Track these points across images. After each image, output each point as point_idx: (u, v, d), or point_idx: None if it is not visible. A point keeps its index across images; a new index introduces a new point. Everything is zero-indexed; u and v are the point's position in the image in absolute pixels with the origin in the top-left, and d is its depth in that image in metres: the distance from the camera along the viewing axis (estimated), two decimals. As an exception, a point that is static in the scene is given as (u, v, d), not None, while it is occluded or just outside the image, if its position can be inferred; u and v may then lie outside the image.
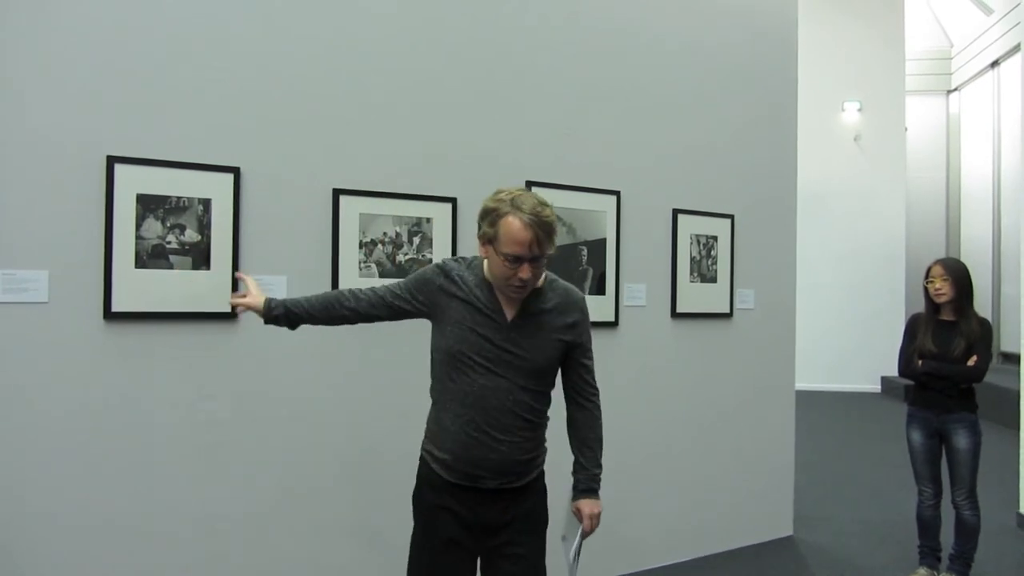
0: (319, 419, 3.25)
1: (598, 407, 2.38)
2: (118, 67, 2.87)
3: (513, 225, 2.07)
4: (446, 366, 2.22)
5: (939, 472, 3.92)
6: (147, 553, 2.91)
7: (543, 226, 2.09)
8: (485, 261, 2.23)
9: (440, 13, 3.57)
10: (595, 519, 2.34)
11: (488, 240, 2.14)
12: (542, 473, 2.39)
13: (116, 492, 2.86)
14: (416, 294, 2.29)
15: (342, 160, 3.30)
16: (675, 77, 4.34)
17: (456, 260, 2.29)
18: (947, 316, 3.84)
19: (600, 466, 2.38)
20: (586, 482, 2.35)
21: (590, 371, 2.35)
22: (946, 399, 3.78)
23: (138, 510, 2.89)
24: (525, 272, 2.10)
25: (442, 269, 2.26)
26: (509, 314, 2.20)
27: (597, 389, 2.38)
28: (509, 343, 2.18)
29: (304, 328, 3.21)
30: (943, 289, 3.80)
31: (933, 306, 3.89)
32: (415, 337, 3.47)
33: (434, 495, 2.29)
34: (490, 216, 2.12)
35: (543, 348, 2.21)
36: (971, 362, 3.72)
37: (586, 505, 2.33)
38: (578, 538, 2.34)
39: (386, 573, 3.40)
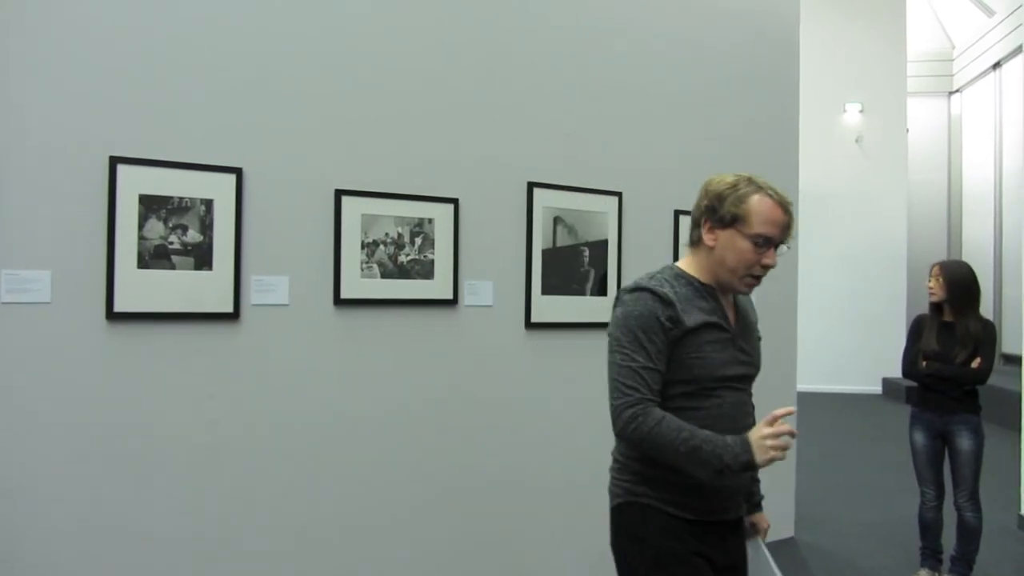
0: (321, 420, 3.25)
1: None
2: (120, 68, 2.87)
3: (766, 204, 1.91)
4: (690, 397, 1.91)
5: (941, 474, 3.92)
6: (148, 554, 2.91)
7: (790, 210, 1.96)
8: (693, 260, 2.03)
9: (442, 14, 3.57)
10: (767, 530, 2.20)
11: (729, 222, 1.92)
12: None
13: (118, 493, 2.86)
14: (662, 348, 1.89)
15: (344, 161, 3.30)
16: (677, 78, 4.34)
17: (652, 279, 1.97)
18: (950, 317, 3.84)
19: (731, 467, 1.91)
20: (759, 494, 2.21)
21: None
22: (949, 401, 3.79)
23: (140, 511, 2.89)
24: (771, 257, 1.93)
25: (656, 297, 1.91)
26: (731, 318, 2.02)
27: None
28: (740, 351, 1.99)
29: (304, 328, 3.23)
30: (934, 289, 3.84)
31: (937, 307, 3.89)
32: (417, 338, 3.48)
33: (679, 543, 1.92)
34: (731, 196, 1.92)
35: (758, 349, 2.09)
36: (975, 364, 3.72)
37: (763, 519, 2.19)
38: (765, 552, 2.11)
39: (387, 573, 3.40)
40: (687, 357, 1.90)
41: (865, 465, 7.02)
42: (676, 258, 4.29)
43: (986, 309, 3.84)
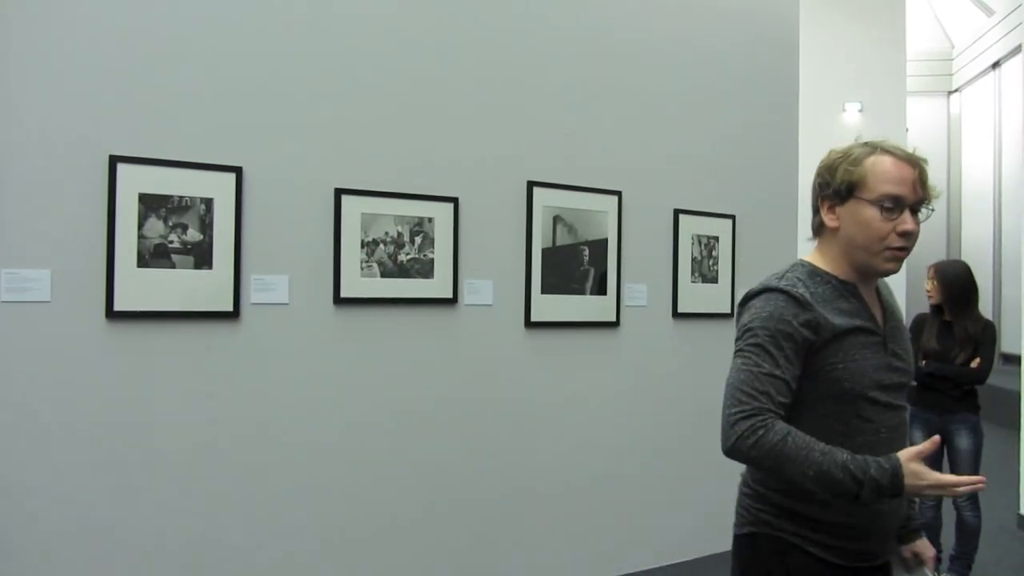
0: (321, 418, 3.25)
1: None
2: (120, 67, 2.87)
3: (885, 161, 1.61)
4: (830, 418, 1.62)
5: (940, 472, 3.91)
6: (147, 552, 2.91)
7: (921, 164, 1.63)
8: (821, 252, 1.77)
9: (442, 14, 3.57)
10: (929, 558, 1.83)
11: (846, 194, 1.64)
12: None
13: (117, 491, 2.86)
14: (793, 359, 1.59)
15: (344, 160, 3.31)
16: (677, 78, 4.34)
17: (782, 279, 1.68)
18: (949, 317, 3.85)
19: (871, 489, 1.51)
20: (916, 518, 1.87)
21: None
22: (948, 400, 3.79)
23: (139, 509, 2.89)
24: (909, 222, 1.60)
25: (790, 299, 1.62)
26: (879, 317, 1.72)
27: None
28: (894, 357, 1.69)
29: (304, 327, 3.23)
30: (931, 291, 3.86)
31: (937, 307, 3.90)
32: (417, 337, 3.48)
33: None
34: (843, 164, 1.65)
35: (911, 351, 1.75)
36: (974, 364, 3.73)
37: (926, 546, 1.85)
38: None
39: (387, 571, 3.40)
40: (831, 368, 1.60)
41: (864, 464, 7.01)
42: (676, 258, 4.29)
43: (985, 308, 3.85)
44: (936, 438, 1.55)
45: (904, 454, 1.47)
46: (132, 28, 2.90)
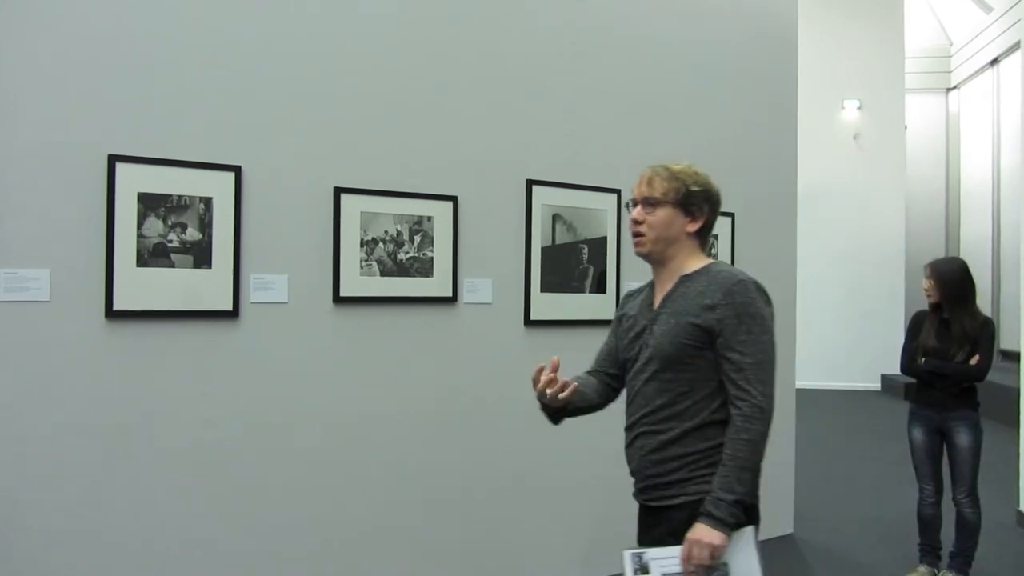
0: (320, 417, 3.25)
1: (744, 416, 1.88)
2: (119, 66, 2.87)
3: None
4: (623, 378, 2.21)
5: (940, 470, 3.92)
6: (147, 552, 2.91)
7: (657, 168, 2.08)
8: None
9: (441, 13, 3.57)
10: (696, 548, 1.83)
11: None
12: (692, 509, 1.91)
13: (116, 490, 2.86)
14: (612, 333, 2.29)
15: (343, 159, 3.30)
16: (675, 76, 4.34)
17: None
18: (947, 315, 3.84)
19: (731, 490, 1.85)
20: (706, 504, 1.88)
21: (738, 368, 1.90)
22: (947, 397, 3.79)
23: (139, 508, 2.89)
24: (631, 215, 2.10)
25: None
26: (656, 303, 2.10)
27: (749, 393, 1.89)
28: (648, 332, 2.06)
29: (303, 326, 3.23)
30: (928, 289, 3.85)
31: (935, 305, 3.90)
32: (416, 335, 3.48)
33: None
34: None
35: (671, 332, 1.97)
36: (973, 361, 3.72)
37: (693, 529, 1.87)
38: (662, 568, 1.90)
39: (387, 570, 3.41)
40: (616, 337, 2.25)
41: (864, 462, 7.03)
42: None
43: (984, 305, 3.84)
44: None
45: None
46: (131, 28, 2.89)
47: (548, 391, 2.04)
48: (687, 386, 1.97)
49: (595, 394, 2.24)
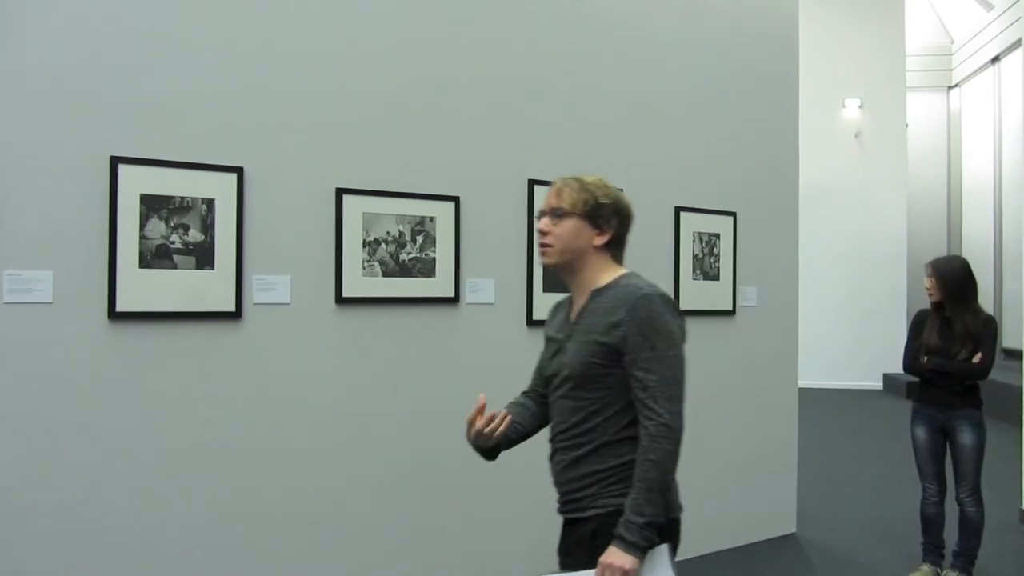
0: (323, 418, 3.25)
1: (651, 435, 1.85)
2: (121, 67, 2.87)
3: None
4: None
5: (943, 469, 3.92)
6: (151, 552, 2.91)
7: (568, 179, 2.03)
8: None
9: (442, 13, 3.57)
10: (608, 572, 1.81)
11: None
12: (603, 521, 1.92)
13: (120, 491, 2.86)
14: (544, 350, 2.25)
15: (345, 159, 3.31)
16: (677, 75, 4.34)
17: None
18: (949, 313, 3.84)
19: (640, 513, 1.82)
20: (619, 526, 1.84)
21: (645, 387, 1.87)
22: (951, 396, 3.79)
23: (142, 509, 2.90)
24: (538, 224, 2.06)
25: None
26: (573, 317, 2.07)
27: (655, 411, 1.86)
28: (562, 350, 2.04)
29: (306, 327, 3.23)
30: (930, 288, 3.85)
31: (937, 303, 3.90)
32: (419, 336, 3.49)
33: None
34: None
35: (580, 351, 1.95)
36: (976, 359, 3.72)
37: (606, 553, 1.83)
38: None
39: (389, 570, 3.41)
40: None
41: (866, 461, 7.03)
42: (677, 255, 4.30)
43: (986, 304, 3.83)
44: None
45: None
46: (132, 29, 2.89)
47: (486, 430, 2.10)
48: (598, 404, 1.95)
49: (531, 419, 2.24)
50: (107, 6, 2.86)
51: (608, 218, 2.03)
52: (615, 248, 2.08)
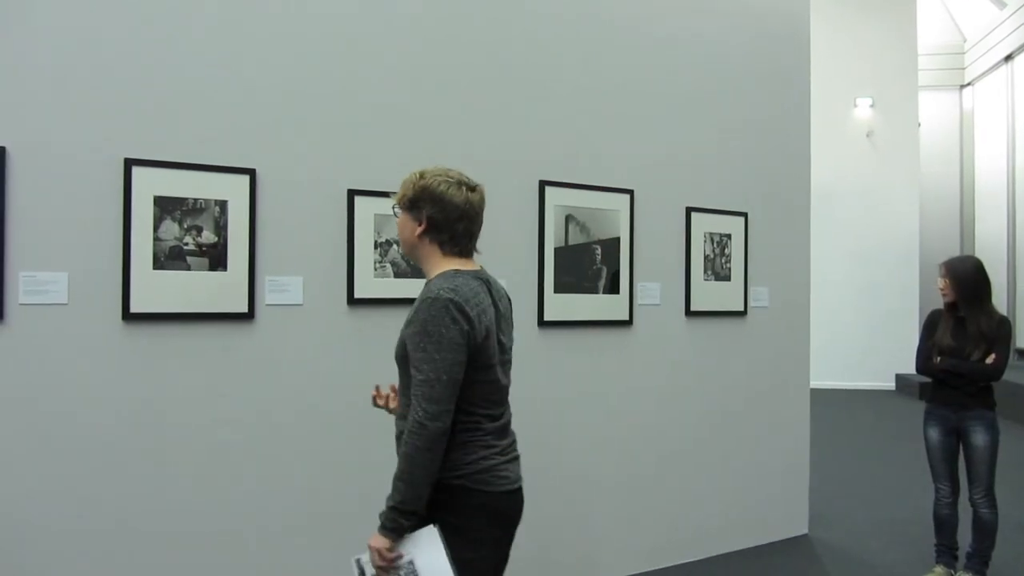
0: (335, 419, 3.26)
1: (409, 431, 1.92)
2: (134, 70, 2.89)
3: None
4: None
5: (956, 470, 3.90)
6: (165, 551, 2.93)
7: (408, 175, 2.12)
8: None
9: (452, 15, 3.58)
10: (370, 552, 1.96)
11: None
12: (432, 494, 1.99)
13: (133, 491, 2.88)
14: None
15: (356, 161, 3.32)
16: (688, 75, 4.33)
17: None
18: (963, 313, 3.82)
19: (389, 498, 1.95)
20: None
21: (414, 383, 1.93)
22: (964, 396, 3.77)
23: (153, 509, 2.91)
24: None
25: None
26: None
27: (415, 409, 1.91)
28: None
29: (318, 328, 3.24)
30: (944, 289, 3.83)
31: (950, 304, 3.88)
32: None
33: None
34: None
35: (399, 340, 2.05)
36: (990, 360, 3.70)
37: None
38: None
39: None
40: None
41: (879, 462, 7.00)
42: (688, 256, 4.29)
43: (1000, 304, 3.81)
44: None
45: None
46: (146, 32, 2.91)
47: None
48: (409, 391, 2.00)
49: None
50: (120, 10, 2.87)
51: (422, 208, 2.05)
52: (443, 238, 2.07)
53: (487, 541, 2.08)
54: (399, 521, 1.92)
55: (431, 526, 1.95)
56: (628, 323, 4.07)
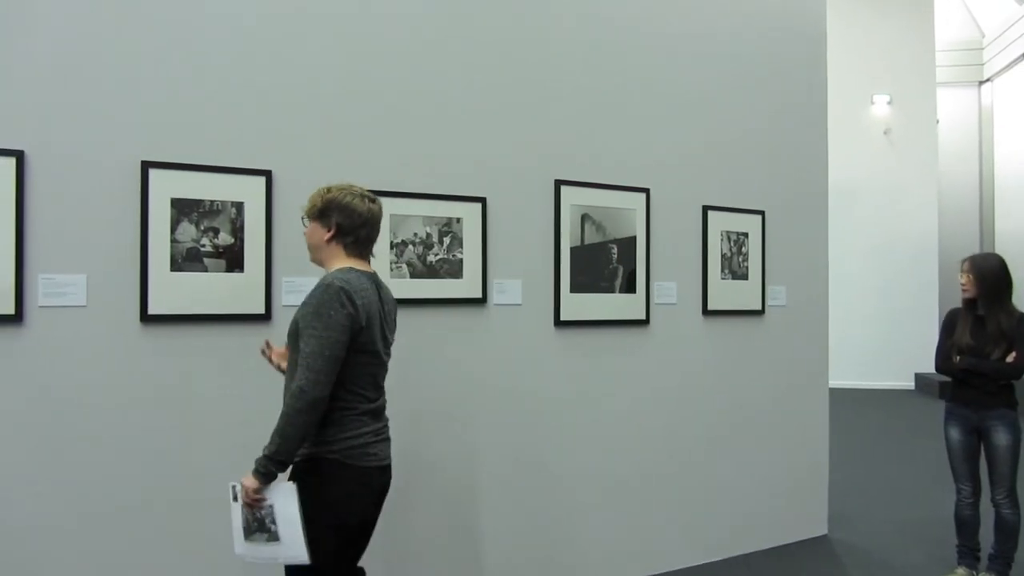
0: (352, 419, 3.26)
1: (291, 394, 2.21)
2: (150, 74, 2.91)
3: None
4: None
5: (978, 470, 3.85)
6: (184, 551, 2.94)
7: (317, 188, 2.45)
8: None
9: (467, 15, 3.57)
10: (244, 491, 2.27)
11: None
12: (310, 464, 2.31)
13: (152, 493, 2.89)
14: None
15: (372, 162, 3.32)
16: (704, 73, 4.31)
17: None
18: (983, 311, 3.78)
19: (266, 448, 2.24)
20: None
21: (302, 354, 2.21)
22: (984, 395, 3.72)
23: (173, 509, 2.93)
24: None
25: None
26: None
27: (298, 376, 2.20)
28: None
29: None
30: (967, 285, 3.78)
31: (971, 301, 3.83)
32: (446, 337, 3.49)
33: None
34: None
35: (292, 320, 2.32)
36: (1010, 358, 3.66)
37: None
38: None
39: (413, 568, 3.41)
40: None
41: (899, 462, 6.94)
42: (705, 255, 4.27)
43: (1020, 302, 3.76)
44: None
45: None
46: (163, 35, 2.93)
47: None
48: (293, 368, 2.27)
49: None
50: (135, 15, 2.89)
51: (330, 216, 2.38)
52: (347, 241, 2.39)
53: (355, 508, 2.38)
54: (269, 468, 2.21)
55: (291, 482, 2.27)
56: (645, 323, 4.05)
